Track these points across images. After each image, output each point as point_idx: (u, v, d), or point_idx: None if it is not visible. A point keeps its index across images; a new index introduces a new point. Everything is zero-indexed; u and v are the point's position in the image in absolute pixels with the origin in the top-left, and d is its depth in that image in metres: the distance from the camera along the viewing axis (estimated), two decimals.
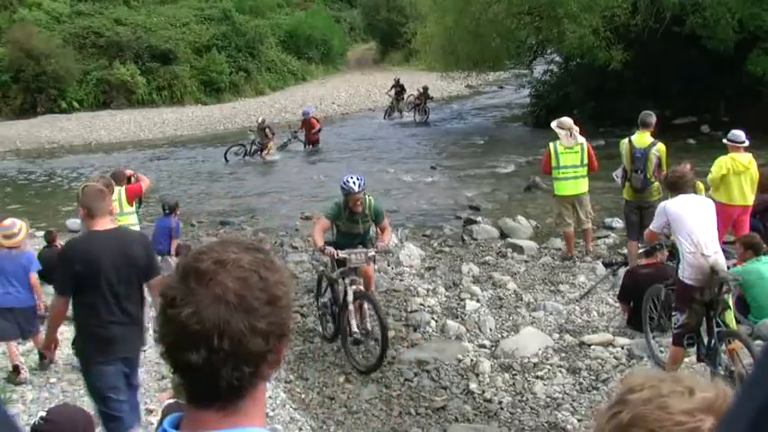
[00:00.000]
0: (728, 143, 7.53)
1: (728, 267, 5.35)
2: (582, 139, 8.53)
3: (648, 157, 7.57)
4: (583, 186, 8.57)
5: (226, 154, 18.59)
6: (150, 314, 7.61)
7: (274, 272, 1.06)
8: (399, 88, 25.31)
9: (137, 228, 7.52)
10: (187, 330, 0.98)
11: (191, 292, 1.00)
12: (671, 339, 5.34)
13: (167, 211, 9.47)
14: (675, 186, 5.36)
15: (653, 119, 7.78)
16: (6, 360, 6.40)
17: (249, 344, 0.99)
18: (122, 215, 7.12)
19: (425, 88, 24.50)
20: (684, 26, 16.32)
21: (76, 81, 28.84)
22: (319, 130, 20.06)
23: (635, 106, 10.88)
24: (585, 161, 8.47)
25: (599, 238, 9.59)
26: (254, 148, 18.60)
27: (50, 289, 8.31)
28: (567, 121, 8.61)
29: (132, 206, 7.50)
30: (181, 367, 1.01)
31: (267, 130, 18.56)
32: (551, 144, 8.56)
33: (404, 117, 24.79)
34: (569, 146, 8.44)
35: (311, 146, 19.97)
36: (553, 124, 8.71)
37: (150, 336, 7.03)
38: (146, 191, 7.86)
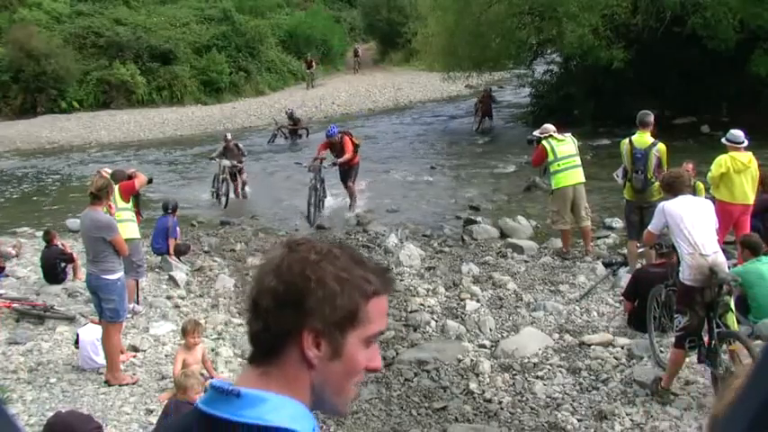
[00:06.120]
0: (727, 143, 7.53)
1: (729, 267, 5.34)
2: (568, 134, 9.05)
3: (649, 157, 7.58)
4: (581, 176, 8.85)
5: (224, 200, 13.44)
6: (151, 316, 7.64)
7: (323, 278, 1.12)
8: (293, 122, 20.95)
9: (132, 224, 7.59)
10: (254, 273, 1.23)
11: (276, 252, 1.20)
12: (672, 340, 5.33)
13: (168, 211, 9.51)
14: (672, 187, 5.35)
15: (651, 118, 7.79)
16: (6, 361, 6.41)
17: (263, 300, 1.14)
18: (117, 211, 7.22)
19: (489, 90, 22.16)
20: (685, 26, 16.31)
21: (76, 81, 28.80)
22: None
23: (635, 106, 10.89)
24: (578, 151, 8.91)
25: (599, 238, 9.60)
26: (224, 177, 13.50)
27: (52, 288, 8.37)
28: (549, 126, 9.15)
29: (128, 202, 7.60)
30: None
31: (237, 147, 14.03)
32: (544, 141, 8.86)
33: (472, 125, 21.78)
34: (561, 138, 8.85)
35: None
36: (535, 132, 9.24)
37: (149, 335, 7.07)
38: (139, 187, 7.93)
